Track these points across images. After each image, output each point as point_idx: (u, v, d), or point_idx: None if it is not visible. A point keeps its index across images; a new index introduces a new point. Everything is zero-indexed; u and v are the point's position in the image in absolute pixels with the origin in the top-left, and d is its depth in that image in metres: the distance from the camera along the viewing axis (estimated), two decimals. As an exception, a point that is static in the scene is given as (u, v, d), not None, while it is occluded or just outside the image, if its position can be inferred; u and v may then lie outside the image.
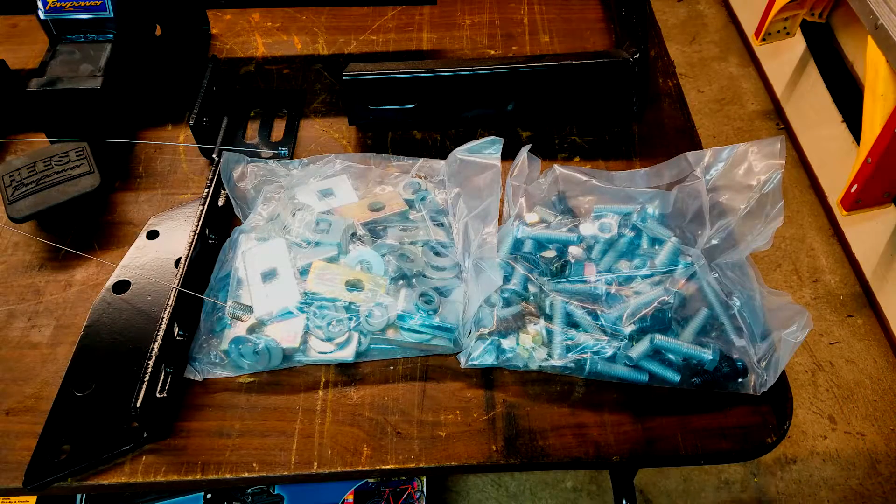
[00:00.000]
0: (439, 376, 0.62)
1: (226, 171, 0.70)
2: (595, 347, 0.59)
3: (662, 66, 0.89)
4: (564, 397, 0.60)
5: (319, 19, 0.96)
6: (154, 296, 0.65)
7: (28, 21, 0.94)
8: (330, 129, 0.82)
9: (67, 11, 0.75)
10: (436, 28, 0.94)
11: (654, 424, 0.59)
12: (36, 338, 0.64)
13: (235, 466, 0.56)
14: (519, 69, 0.75)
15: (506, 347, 0.60)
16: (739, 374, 0.59)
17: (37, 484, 0.54)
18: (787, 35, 1.64)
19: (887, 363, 1.49)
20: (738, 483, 1.33)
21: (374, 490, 1.00)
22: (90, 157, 0.70)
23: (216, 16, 0.95)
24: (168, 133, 0.82)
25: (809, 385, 1.46)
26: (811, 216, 1.73)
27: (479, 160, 0.68)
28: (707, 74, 2.11)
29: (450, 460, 0.57)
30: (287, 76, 0.88)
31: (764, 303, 0.62)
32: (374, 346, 0.62)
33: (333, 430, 0.58)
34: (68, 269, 0.69)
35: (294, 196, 0.70)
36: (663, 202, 0.68)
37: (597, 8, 0.97)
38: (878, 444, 1.38)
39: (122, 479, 0.55)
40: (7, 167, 0.68)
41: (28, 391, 0.60)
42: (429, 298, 0.62)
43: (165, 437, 0.58)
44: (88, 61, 0.74)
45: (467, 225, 0.65)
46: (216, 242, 0.67)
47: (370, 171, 0.73)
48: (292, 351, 0.60)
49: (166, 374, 0.57)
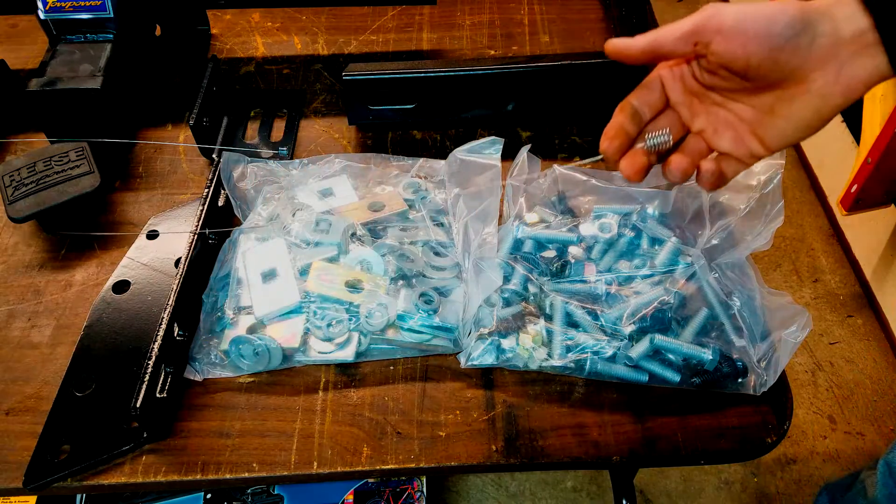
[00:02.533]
0: (439, 376, 0.62)
1: (226, 171, 0.70)
2: (595, 347, 0.59)
3: (662, 66, 0.89)
4: (564, 397, 0.60)
5: (319, 19, 0.96)
6: (154, 296, 0.65)
7: (28, 21, 0.94)
8: (330, 129, 0.82)
9: (67, 11, 0.75)
10: (436, 28, 0.94)
11: (654, 424, 0.59)
12: (36, 338, 0.64)
13: (235, 466, 0.56)
14: (519, 69, 0.75)
15: (506, 347, 0.60)
16: (739, 374, 0.59)
17: (37, 484, 0.54)
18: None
19: (887, 363, 1.49)
20: (738, 483, 1.33)
21: (374, 490, 1.00)
22: (90, 157, 0.70)
23: (216, 16, 0.95)
24: (168, 133, 0.82)
25: (809, 385, 1.46)
26: (811, 216, 1.73)
27: (479, 160, 0.68)
28: (707, 74, 2.10)
29: (450, 460, 0.57)
30: (287, 76, 0.88)
31: (764, 303, 0.62)
32: (374, 346, 0.62)
33: (333, 430, 0.58)
34: (68, 269, 0.69)
35: (294, 196, 0.70)
36: (663, 202, 0.68)
37: (597, 8, 0.97)
38: (878, 444, 1.38)
39: (122, 479, 0.55)
40: (7, 167, 0.68)
41: (28, 391, 0.60)
42: (429, 298, 0.62)
43: (165, 437, 0.58)
44: (88, 61, 0.74)
45: (467, 225, 0.65)
46: (216, 242, 0.68)
47: (370, 171, 0.73)
48: (292, 351, 0.60)
49: (166, 374, 0.57)
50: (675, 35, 0.46)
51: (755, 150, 0.48)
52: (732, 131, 0.49)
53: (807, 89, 0.44)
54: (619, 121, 0.51)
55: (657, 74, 0.51)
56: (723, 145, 0.50)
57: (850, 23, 0.42)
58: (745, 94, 0.47)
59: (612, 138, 0.50)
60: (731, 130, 0.49)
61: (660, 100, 0.51)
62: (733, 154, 0.49)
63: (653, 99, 0.51)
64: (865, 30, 0.42)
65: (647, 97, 0.51)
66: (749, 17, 0.43)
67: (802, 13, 0.43)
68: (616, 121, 0.51)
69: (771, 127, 0.47)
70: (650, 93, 0.51)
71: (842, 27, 0.42)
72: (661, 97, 0.51)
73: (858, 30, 0.42)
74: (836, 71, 0.43)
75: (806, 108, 0.45)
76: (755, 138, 0.48)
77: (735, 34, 0.44)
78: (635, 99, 0.51)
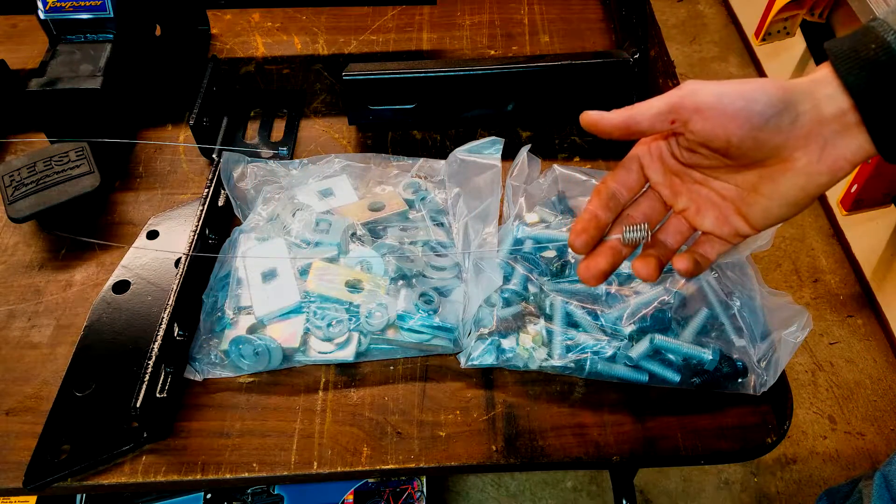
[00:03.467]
0: (439, 376, 0.62)
1: (226, 171, 0.69)
2: (595, 347, 0.59)
3: (662, 66, 0.89)
4: (564, 397, 0.60)
5: (319, 19, 0.96)
6: (154, 296, 0.65)
7: (28, 21, 0.94)
8: (330, 129, 0.82)
9: (67, 11, 0.75)
10: (436, 28, 0.94)
11: (654, 424, 0.59)
12: (36, 338, 0.64)
13: (235, 466, 0.56)
14: (519, 69, 0.75)
15: (506, 347, 0.60)
16: (739, 374, 0.59)
17: (37, 484, 0.54)
18: (788, 35, 1.64)
19: (887, 363, 1.49)
20: (738, 483, 1.33)
21: (374, 490, 1.00)
22: (90, 157, 0.70)
23: (216, 16, 0.95)
24: (168, 133, 0.82)
25: (809, 385, 1.46)
26: (811, 216, 1.73)
27: (479, 160, 0.68)
28: (707, 74, 2.11)
29: (450, 460, 0.57)
30: (287, 76, 0.88)
31: (764, 303, 0.62)
32: (374, 346, 0.62)
33: (333, 430, 0.58)
34: (68, 269, 0.69)
35: (294, 196, 0.70)
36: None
37: (597, 8, 0.97)
38: (878, 444, 1.38)
39: (122, 479, 0.55)
40: (7, 167, 0.68)
41: (28, 391, 0.60)
42: (429, 298, 0.62)
43: (165, 437, 0.58)
44: (88, 61, 0.74)
45: (467, 225, 0.65)
46: (216, 242, 0.67)
47: (370, 171, 0.73)
48: (292, 351, 0.60)
49: (166, 374, 0.57)
50: (652, 112, 0.44)
51: (740, 229, 0.47)
52: (715, 210, 0.48)
53: (791, 168, 0.43)
54: (592, 210, 0.48)
55: (635, 154, 0.49)
56: (705, 225, 0.48)
57: (831, 102, 0.42)
58: (727, 173, 0.46)
59: (580, 233, 0.48)
60: (714, 210, 0.48)
61: (638, 181, 0.49)
62: (716, 234, 0.48)
63: (631, 180, 0.49)
64: (847, 110, 0.41)
65: (625, 178, 0.49)
66: (728, 95, 0.42)
67: (783, 92, 0.42)
68: (589, 210, 0.48)
69: (755, 205, 0.45)
70: (628, 174, 0.49)
71: (823, 106, 0.42)
72: (640, 178, 0.49)
73: (840, 110, 0.41)
74: (819, 150, 0.42)
75: (791, 187, 0.43)
76: (739, 217, 0.47)
77: (714, 113, 0.42)
78: (612, 181, 0.49)
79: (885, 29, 0.41)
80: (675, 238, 0.50)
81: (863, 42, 0.41)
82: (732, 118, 0.42)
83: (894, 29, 0.41)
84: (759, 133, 0.42)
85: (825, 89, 0.42)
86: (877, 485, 0.73)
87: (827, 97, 0.42)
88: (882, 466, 0.74)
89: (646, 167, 0.49)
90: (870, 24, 0.42)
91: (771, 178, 0.44)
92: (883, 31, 0.41)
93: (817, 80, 0.42)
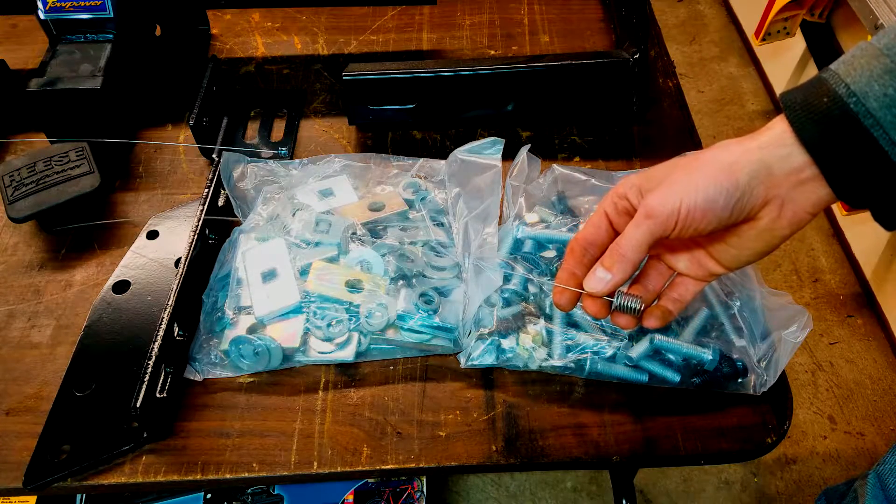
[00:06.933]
0: (439, 376, 0.62)
1: (226, 171, 0.70)
2: (595, 347, 0.59)
3: (662, 66, 0.89)
4: (564, 397, 0.60)
5: (319, 19, 0.96)
6: (154, 296, 0.65)
7: (28, 21, 0.94)
8: (330, 129, 0.82)
9: (67, 11, 0.75)
10: (436, 28, 0.94)
11: (654, 424, 0.59)
12: (36, 338, 0.64)
13: (235, 466, 0.56)
14: (519, 69, 0.75)
15: (506, 347, 0.60)
16: (739, 374, 0.59)
17: (37, 484, 0.54)
18: (787, 35, 1.64)
19: (887, 363, 1.49)
20: (738, 483, 1.33)
21: (374, 490, 1.00)
22: (90, 157, 0.70)
23: (216, 16, 0.95)
24: (168, 133, 0.82)
25: (809, 385, 1.46)
26: (811, 216, 1.73)
27: (479, 160, 0.68)
28: (707, 74, 2.11)
29: (450, 460, 0.57)
30: (287, 76, 0.88)
31: (764, 303, 0.62)
32: (374, 346, 0.62)
33: (333, 431, 0.58)
34: (68, 269, 0.69)
35: (294, 196, 0.70)
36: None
37: (597, 8, 0.97)
38: (878, 444, 1.38)
39: (122, 479, 0.56)
40: (7, 167, 0.68)
41: (28, 391, 0.60)
42: (429, 298, 0.62)
43: (165, 437, 0.58)
44: (88, 61, 0.74)
45: (467, 225, 0.65)
46: (216, 242, 0.68)
47: (370, 171, 0.73)
48: (292, 351, 0.60)
49: (166, 374, 0.57)
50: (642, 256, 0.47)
51: (713, 269, 0.50)
52: (689, 254, 0.51)
53: (754, 226, 0.46)
54: (569, 268, 0.51)
55: (602, 210, 0.51)
56: (679, 266, 0.52)
57: (785, 162, 0.44)
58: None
59: (563, 292, 0.51)
60: (688, 253, 0.51)
61: (608, 236, 0.51)
62: (690, 275, 0.52)
63: (601, 237, 0.51)
64: (804, 165, 0.43)
65: (595, 236, 0.51)
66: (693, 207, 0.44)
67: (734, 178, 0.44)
68: (566, 269, 0.51)
69: (724, 253, 0.49)
70: (597, 231, 0.51)
71: (776, 169, 0.44)
72: (610, 233, 0.51)
73: (795, 167, 0.43)
74: (778, 207, 0.45)
75: (755, 241, 0.47)
76: (712, 260, 0.50)
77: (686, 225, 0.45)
78: (584, 238, 0.51)
79: (836, 81, 0.42)
80: (657, 281, 0.53)
81: (815, 94, 0.43)
82: (701, 220, 0.45)
83: (845, 81, 0.41)
84: (726, 219, 0.45)
85: (779, 150, 0.44)
86: (871, 484, 0.73)
87: (781, 157, 0.44)
88: (876, 466, 0.74)
89: (615, 224, 0.51)
90: (822, 76, 0.43)
91: (737, 234, 0.47)
92: (834, 84, 0.42)
93: (772, 140, 0.44)
